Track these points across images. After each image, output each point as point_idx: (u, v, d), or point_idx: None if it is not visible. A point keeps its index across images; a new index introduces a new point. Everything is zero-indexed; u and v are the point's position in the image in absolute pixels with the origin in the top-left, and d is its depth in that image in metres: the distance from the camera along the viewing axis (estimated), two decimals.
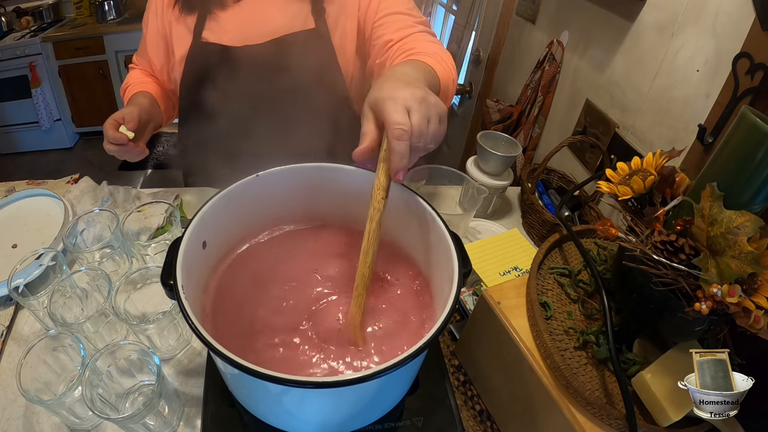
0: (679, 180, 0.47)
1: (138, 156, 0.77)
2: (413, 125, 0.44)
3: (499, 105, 1.47)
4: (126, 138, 0.72)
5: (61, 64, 2.80)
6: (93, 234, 0.78)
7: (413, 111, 0.45)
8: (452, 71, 0.71)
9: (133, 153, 0.75)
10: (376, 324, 0.51)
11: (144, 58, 0.92)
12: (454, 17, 2.12)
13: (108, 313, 0.62)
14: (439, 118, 0.47)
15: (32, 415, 0.58)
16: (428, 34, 0.77)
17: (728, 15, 0.71)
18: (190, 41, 0.82)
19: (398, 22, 0.77)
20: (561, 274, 0.59)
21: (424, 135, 0.45)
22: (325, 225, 0.63)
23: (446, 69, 0.69)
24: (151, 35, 0.87)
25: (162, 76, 0.91)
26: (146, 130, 0.81)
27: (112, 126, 0.73)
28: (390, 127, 0.44)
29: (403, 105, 0.45)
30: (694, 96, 0.77)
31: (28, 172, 2.83)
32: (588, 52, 1.11)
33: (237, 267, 0.57)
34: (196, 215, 0.48)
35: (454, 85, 0.72)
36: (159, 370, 0.52)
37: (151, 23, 0.86)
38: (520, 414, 0.56)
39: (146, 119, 0.80)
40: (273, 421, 0.47)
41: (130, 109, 0.76)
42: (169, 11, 0.84)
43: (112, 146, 0.73)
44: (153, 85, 0.92)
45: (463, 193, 0.94)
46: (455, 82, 0.72)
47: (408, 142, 0.44)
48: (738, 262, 0.37)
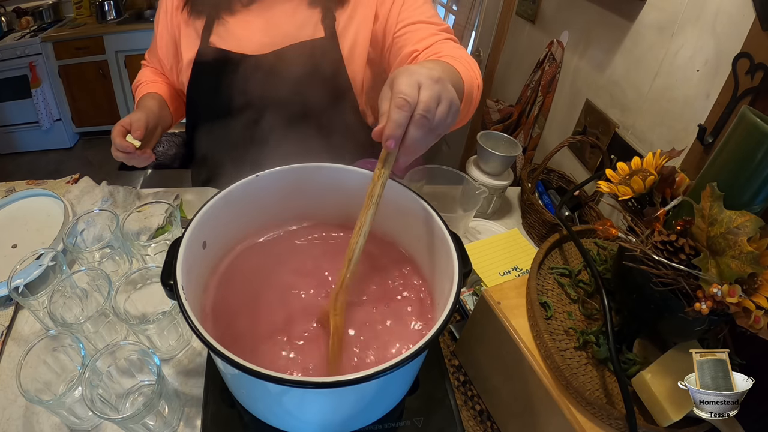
0: (679, 180, 0.47)
1: (144, 162, 0.78)
2: (421, 99, 0.43)
3: (499, 105, 1.47)
4: (133, 147, 0.73)
5: (61, 64, 2.80)
6: (93, 234, 0.78)
7: (424, 87, 0.43)
8: (477, 77, 0.70)
9: (139, 159, 0.76)
10: (376, 324, 0.51)
11: (155, 56, 0.92)
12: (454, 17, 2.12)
13: (108, 313, 0.61)
14: (450, 103, 0.46)
15: (32, 415, 0.58)
16: (452, 41, 0.76)
17: (728, 15, 0.71)
18: (198, 45, 0.82)
19: (421, 31, 0.76)
20: (561, 274, 0.59)
21: (430, 112, 0.43)
22: (325, 225, 0.63)
23: (471, 73, 0.68)
24: (161, 35, 0.87)
25: (172, 76, 0.92)
26: (153, 135, 0.82)
27: (120, 133, 0.73)
28: (395, 95, 0.43)
29: (416, 80, 0.44)
30: (694, 96, 0.77)
31: (28, 172, 2.83)
32: (588, 52, 1.11)
33: (237, 267, 0.57)
34: (196, 215, 0.48)
35: (479, 91, 0.70)
36: (159, 370, 0.52)
37: (161, 23, 0.86)
38: (520, 414, 0.56)
39: (154, 124, 0.80)
40: (273, 421, 0.47)
41: (138, 116, 0.76)
42: (178, 13, 0.84)
43: (119, 153, 0.74)
44: (163, 85, 0.92)
45: (463, 193, 0.94)
46: (480, 89, 0.70)
47: (407, 114, 0.43)
48: (738, 262, 0.37)
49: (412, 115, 0.43)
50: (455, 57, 0.68)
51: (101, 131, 3.09)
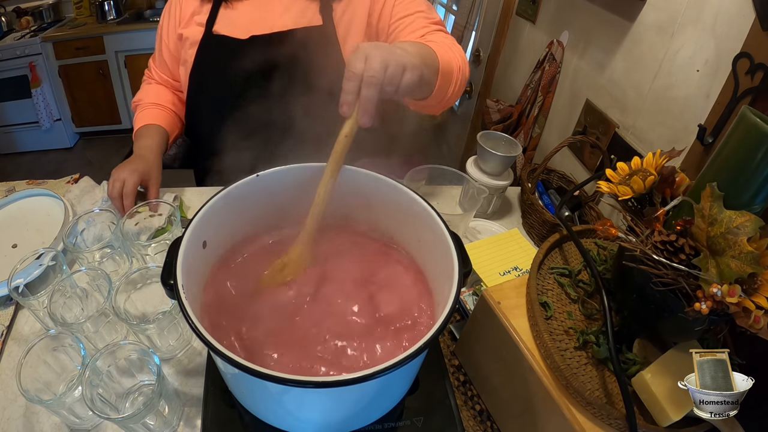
0: (679, 180, 0.47)
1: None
2: (367, 66, 0.48)
3: (499, 105, 1.47)
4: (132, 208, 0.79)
5: (61, 64, 2.80)
6: (93, 234, 0.78)
7: (370, 57, 0.49)
8: (458, 58, 0.72)
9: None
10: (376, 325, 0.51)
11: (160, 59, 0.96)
12: (454, 17, 2.12)
13: (108, 313, 0.61)
14: (402, 65, 0.51)
15: (32, 415, 0.58)
16: (443, 32, 0.78)
17: (728, 15, 0.71)
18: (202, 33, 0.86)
19: (414, 24, 0.79)
20: (561, 274, 0.59)
21: (377, 72, 0.49)
22: (324, 224, 0.63)
23: (450, 53, 0.70)
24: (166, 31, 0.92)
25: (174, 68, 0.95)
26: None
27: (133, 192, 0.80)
28: (346, 71, 0.49)
29: (364, 53, 0.49)
30: (694, 96, 0.77)
31: (28, 172, 2.82)
32: (588, 52, 1.11)
33: (237, 267, 0.57)
34: (196, 215, 0.48)
35: (461, 72, 0.73)
36: (159, 370, 0.52)
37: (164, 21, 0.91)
38: (520, 414, 0.56)
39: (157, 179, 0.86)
40: (273, 421, 0.47)
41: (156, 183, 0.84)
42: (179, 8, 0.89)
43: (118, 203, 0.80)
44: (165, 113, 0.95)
45: (463, 193, 0.94)
46: (462, 71, 0.73)
47: (356, 83, 0.49)
48: (738, 262, 0.37)
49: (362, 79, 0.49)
50: (437, 42, 0.71)
51: (101, 131, 3.09)
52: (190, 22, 0.88)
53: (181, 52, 0.90)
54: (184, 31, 0.88)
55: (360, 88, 0.49)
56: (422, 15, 0.80)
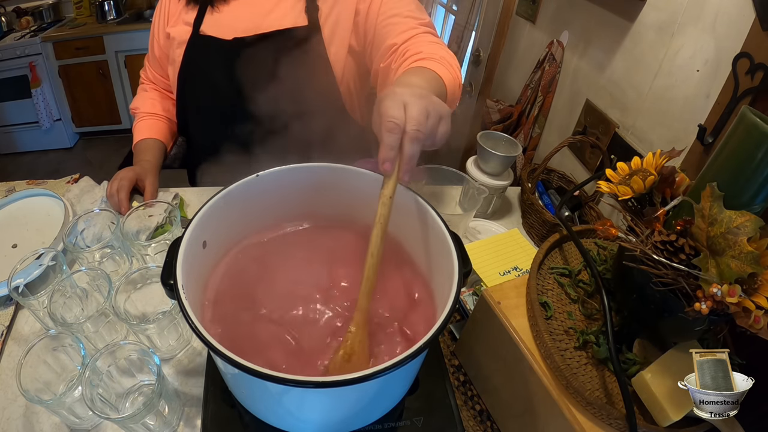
0: (679, 180, 0.47)
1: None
2: (409, 117, 0.44)
3: (499, 105, 1.47)
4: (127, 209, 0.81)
5: (61, 64, 2.80)
6: (93, 234, 0.78)
7: (410, 105, 0.45)
8: (458, 75, 0.71)
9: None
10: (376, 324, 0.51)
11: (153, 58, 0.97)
12: (454, 17, 2.12)
13: (108, 313, 0.61)
14: (439, 115, 0.47)
15: (32, 415, 0.58)
16: (431, 35, 0.77)
17: (728, 15, 0.71)
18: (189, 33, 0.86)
19: (402, 24, 0.77)
20: (561, 274, 0.59)
21: (421, 125, 0.44)
22: (325, 225, 0.63)
23: (452, 74, 0.69)
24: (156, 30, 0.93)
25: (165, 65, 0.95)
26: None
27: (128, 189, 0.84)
28: (384, 120, 0.44)
29: (401, 100, 0.45)
30: (694, 96, 0.77)
31: (28, 172, 2.83)
32: (588, 52, 1.11)
33: (237, 267, 0.57)
34: (196, 215, 0.48)
35: (460, 89, 0.72)
36: (159, 370, 0.52)
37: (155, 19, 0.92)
38: (520, 414, 0.56)
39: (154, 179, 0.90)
40: (273, 421, 0.47)
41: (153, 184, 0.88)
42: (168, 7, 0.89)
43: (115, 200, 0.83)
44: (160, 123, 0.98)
45: (463, 193, 0.94)
46: (461, 86, 0.73)
47: (398, 136, 0.44)
48: (738, 262, 0.37)
49: (405, 132, 0.44)
50: (435, 58, 0.69)
51: (101, 131, 3.09)
52: (178, 21, 0.88)
53: (169, 51, 0.90)
54: (171, 30, 0.88)
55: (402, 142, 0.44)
56: (411, 15, 0.79)
